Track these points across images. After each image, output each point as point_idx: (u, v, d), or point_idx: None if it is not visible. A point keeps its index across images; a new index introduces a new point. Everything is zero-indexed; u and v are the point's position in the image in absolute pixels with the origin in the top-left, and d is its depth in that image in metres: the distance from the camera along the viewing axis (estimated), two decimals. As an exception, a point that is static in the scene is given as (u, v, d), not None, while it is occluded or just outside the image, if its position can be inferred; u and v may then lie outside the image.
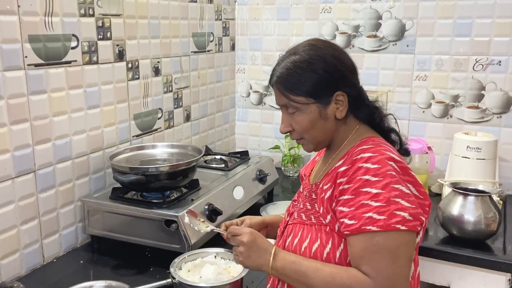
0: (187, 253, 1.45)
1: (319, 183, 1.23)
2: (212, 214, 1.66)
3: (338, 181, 1.15)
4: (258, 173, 2.06)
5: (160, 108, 2.13)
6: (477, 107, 2.27)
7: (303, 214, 1.26)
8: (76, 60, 1.66)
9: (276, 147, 2.62)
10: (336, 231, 1.16)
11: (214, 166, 2.07)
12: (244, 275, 1.32)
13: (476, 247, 1.68)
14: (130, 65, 1.91)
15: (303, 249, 1.20)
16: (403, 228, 1.07)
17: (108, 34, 1.79)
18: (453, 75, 2.28)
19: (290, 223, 1.30)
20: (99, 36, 1.75)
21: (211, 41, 2.47)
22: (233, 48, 2.69)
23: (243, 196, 1.90)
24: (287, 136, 2.43)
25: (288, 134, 1.28)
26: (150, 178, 1.62)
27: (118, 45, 1.84)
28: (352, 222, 1.10)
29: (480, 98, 2.25)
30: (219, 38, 2.54)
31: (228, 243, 1.28)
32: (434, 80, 2.32)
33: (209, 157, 2.19)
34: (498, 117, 2.23)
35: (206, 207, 1.65)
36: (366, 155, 1.13)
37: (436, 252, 1.71)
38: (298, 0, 2.53)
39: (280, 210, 1.98)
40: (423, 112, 2.36)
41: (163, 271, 1.48)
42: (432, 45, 2.29)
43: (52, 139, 1.61)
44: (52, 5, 1.55)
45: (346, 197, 1.12)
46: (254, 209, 1.99)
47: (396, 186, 1.09)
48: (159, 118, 2.13)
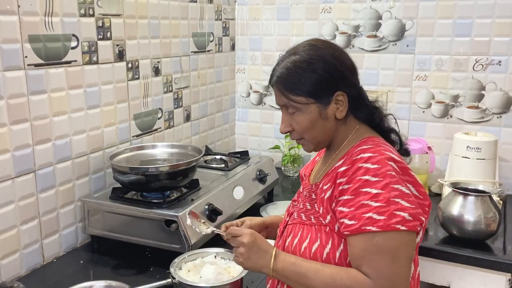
0: (187, 253, 1.45)
1: (319, 183, 1.23)
2: (212, 214, 1.66)
3: (338, 181, 1.14)
4: (258, 173, 2.06)
5: (160, 108, 2.13)
6: (477, 107, 2.26)
7: (303, 214, 1.26)
8: (76, 60, 1.66)
9: (276, 147, 2.62)
10: (336, 231, 1.16)
11: (214, 166, 2.07)
12: (244, 275, 1.32)
13: (476, 247, 1.68)
14: (130, 65, 1.91)
15: (302, 249, 1.20)
16: (403, 228, 1.07)
17: (108, 34, 1.79)
18: (453, 75, 2.28)
19: (290, 223, 1.30)
20: (99, 36, 1.75)
21: (211, 41, 2.47)
22: (233, 48, 2.69)
23: (243, 196, 1.90)
24: (287, 136, 2.43)
25: (288, 134, 1.28)
26: (150, 178, 1.62)
27: (118, 45, 1.84)
28: (352, 222, 1.09)
29: (480, 98, 2.25)
30: (219, 38, 2.54)
31: (228, 243, 1.28)
32: (434, 80, 2.32)
33: (209, 157, 2.19)
34: (498, 117, 2.23)
35: (206, 207, 1.65)
36: (366, 155, 1.13)
37: (436, 252, 1.71)
38: (298, 0, 2.53)
39: (280, 210, 1.98)
40: (423, 112, 2.36)
41: (163, 271, 1.48)
42: (432, 45, 2.29)
43: (52, 139, 1.61)
44: (52, 5, 1.55)
45: (346, 197, 1.12)
46: (254, 209, 1.99)
47: (396, 186, 1.09)
48: (159, 118, 2.13)
